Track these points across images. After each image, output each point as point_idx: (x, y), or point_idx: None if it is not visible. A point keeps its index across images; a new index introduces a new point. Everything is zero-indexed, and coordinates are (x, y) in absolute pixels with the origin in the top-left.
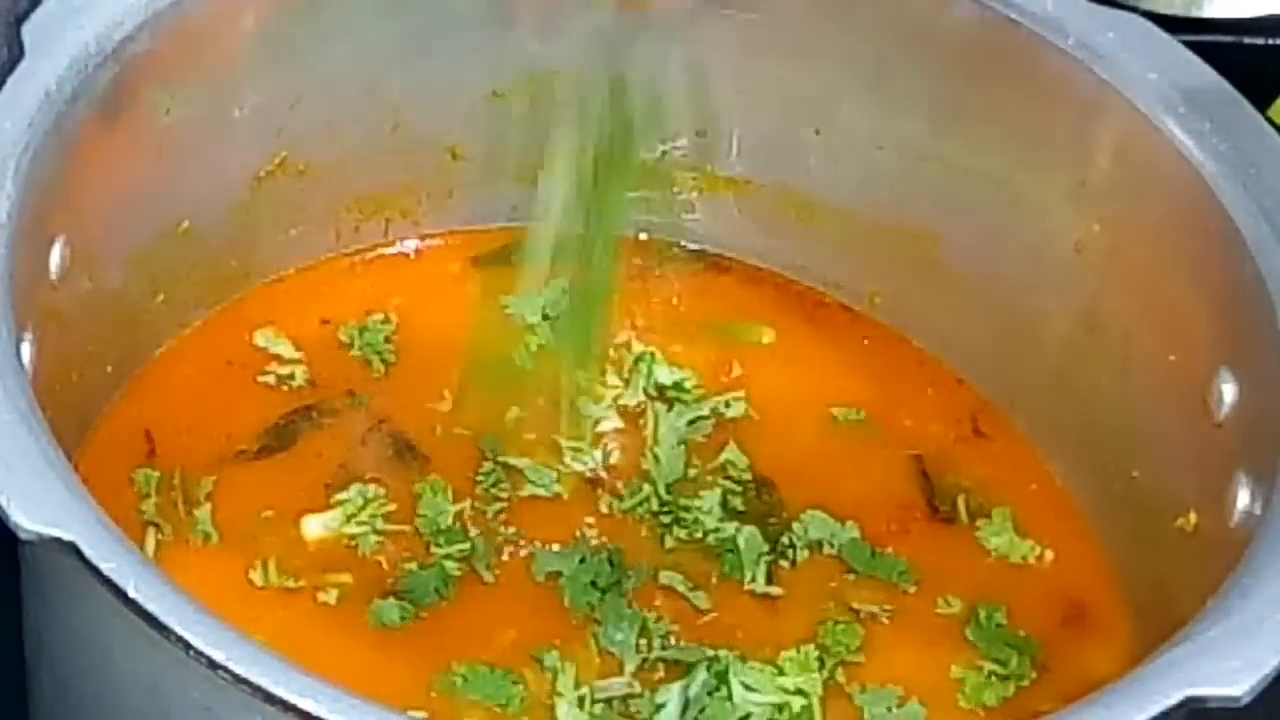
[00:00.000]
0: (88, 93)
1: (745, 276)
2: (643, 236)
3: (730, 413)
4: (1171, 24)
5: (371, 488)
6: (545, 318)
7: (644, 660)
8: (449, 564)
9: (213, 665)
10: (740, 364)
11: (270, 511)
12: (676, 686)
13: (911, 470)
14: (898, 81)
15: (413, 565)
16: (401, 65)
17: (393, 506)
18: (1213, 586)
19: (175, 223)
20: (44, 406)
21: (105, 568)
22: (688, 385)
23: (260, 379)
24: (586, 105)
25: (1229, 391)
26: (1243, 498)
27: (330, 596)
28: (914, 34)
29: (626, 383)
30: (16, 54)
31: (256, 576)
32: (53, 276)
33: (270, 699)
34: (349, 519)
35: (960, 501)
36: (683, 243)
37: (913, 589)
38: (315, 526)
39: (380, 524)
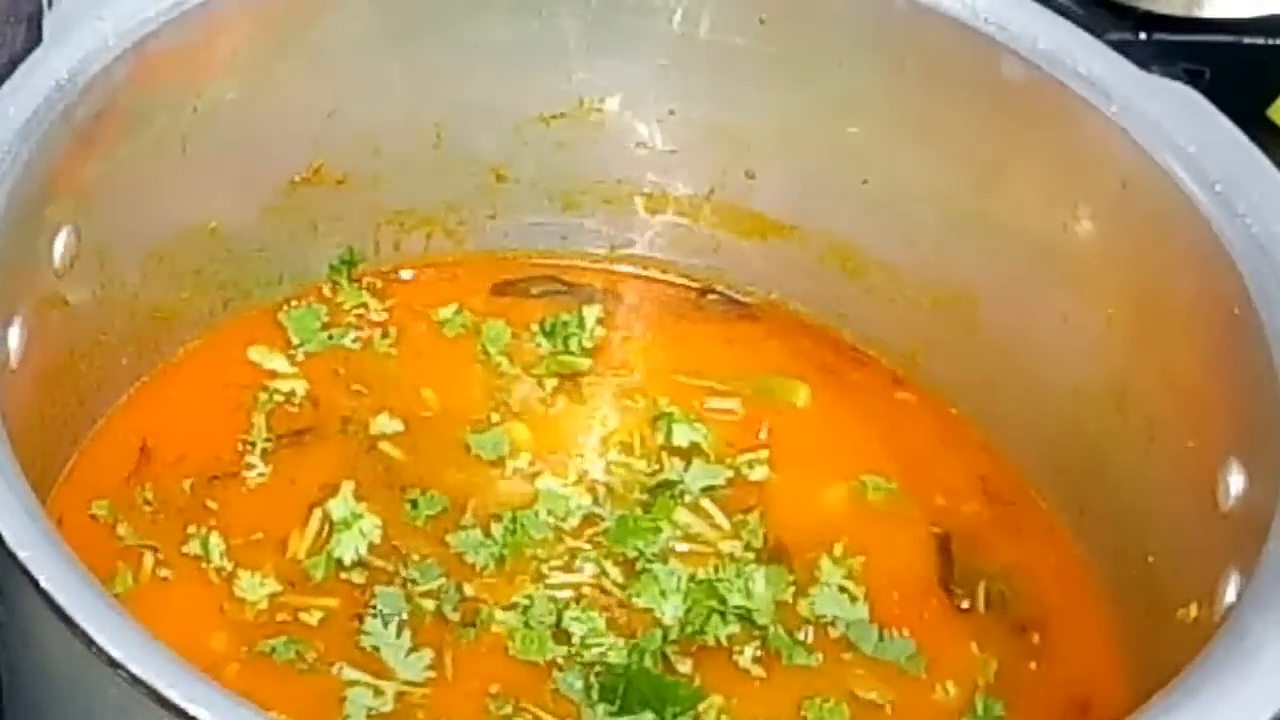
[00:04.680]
0: (103, 85)
1: (781, 326)
2: (681, 278)
3: (753, 475)
4: (1171, 24)
5: (363, 514)
6: (548, 333)
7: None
8: (423, 601)
9: (113, 664)
10: (770, 424)
11: (259, 533)
12: None
13: (933, 549)
14: (944, 137)
15: (388, 595)
16: (447, 83)
17: (378, 535)
18: None
19: (202, 222)
20: (45, 393)
21: (22, 555)
22: (705, 448)
23: (259, 397)
24: None
25: (1236, 483)
26: (1230, 594)
27: (313, 618)
28: (963, 90)
29: (643, 441)
30: (30, 47)
31: (241, 597)
32: (55, 264)
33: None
34: (335, 544)
35: (980, 589)
36: (721, 288)
37: (922, 675)
38: (301, 549)
39: (364, 551)
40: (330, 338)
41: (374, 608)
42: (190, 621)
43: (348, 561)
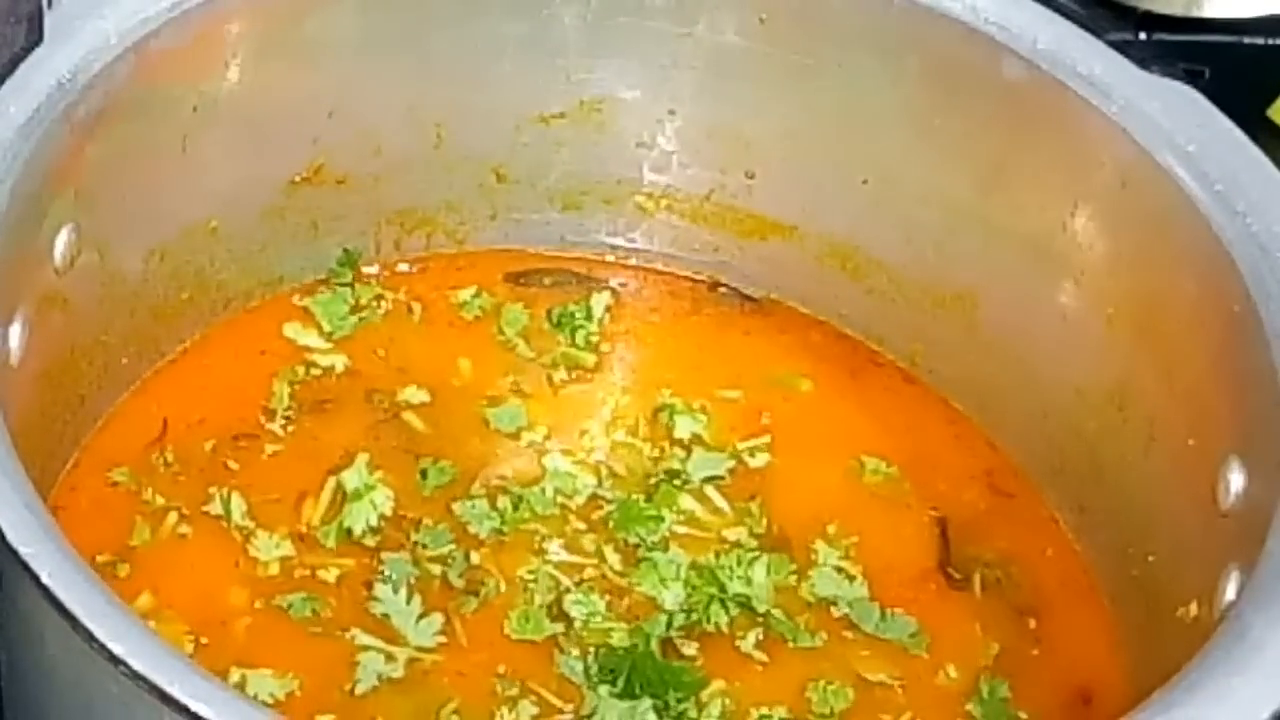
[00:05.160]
0: (104, 84)
1: (787, 323)
2: (686, 274)
3: (754, 462)
4: (1171, 24)
5: (375, 485)
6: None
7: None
8: (430, 566)
9: (114, 660)
10: (773, 411)
11: (277, 494)
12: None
13: (933, 532)
14: (945, 137)
15: (396, 561)
16: (447, 83)
17: (389, 506)
18: None
19: (202, 221)
20: (47, 391)
21: (24, 552)
22: (707, 439)
23: (284, 369)
24: None
25: (1236, 481)
26: (1230, 592)
27: (330, 575)
28: (963, 90)
29: (648, 429)
30: (30, 46)
31: (258, 558)
32: (56, 263)
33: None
34: (347, 514)
35: (976, 575)
36: (727, 284)
37: (924, 654)
38: (315, 518)
39: (375, 522)
40: (361, 319)
41: (383, 573)
42: (208, 577)
43: (358, 531)
